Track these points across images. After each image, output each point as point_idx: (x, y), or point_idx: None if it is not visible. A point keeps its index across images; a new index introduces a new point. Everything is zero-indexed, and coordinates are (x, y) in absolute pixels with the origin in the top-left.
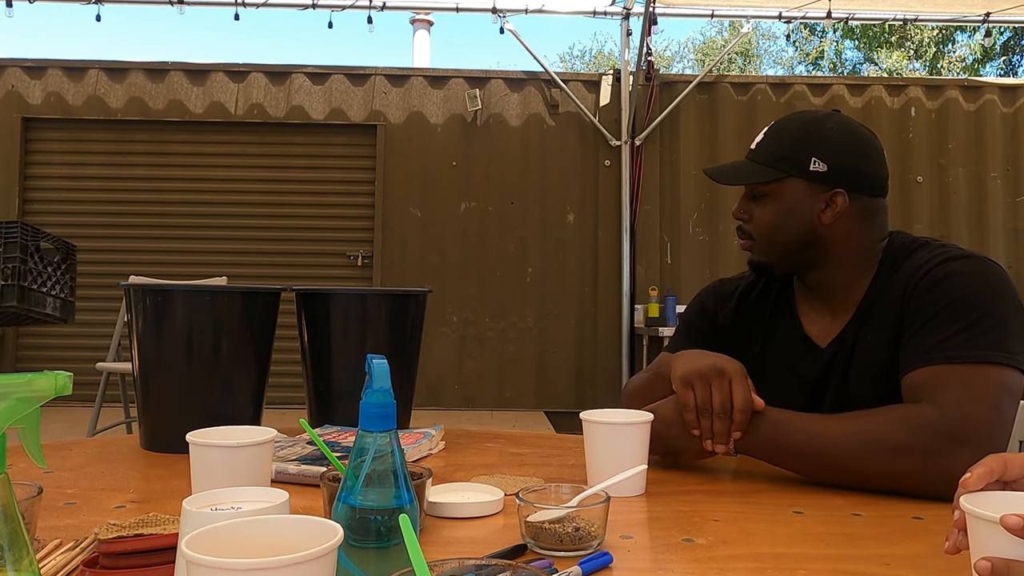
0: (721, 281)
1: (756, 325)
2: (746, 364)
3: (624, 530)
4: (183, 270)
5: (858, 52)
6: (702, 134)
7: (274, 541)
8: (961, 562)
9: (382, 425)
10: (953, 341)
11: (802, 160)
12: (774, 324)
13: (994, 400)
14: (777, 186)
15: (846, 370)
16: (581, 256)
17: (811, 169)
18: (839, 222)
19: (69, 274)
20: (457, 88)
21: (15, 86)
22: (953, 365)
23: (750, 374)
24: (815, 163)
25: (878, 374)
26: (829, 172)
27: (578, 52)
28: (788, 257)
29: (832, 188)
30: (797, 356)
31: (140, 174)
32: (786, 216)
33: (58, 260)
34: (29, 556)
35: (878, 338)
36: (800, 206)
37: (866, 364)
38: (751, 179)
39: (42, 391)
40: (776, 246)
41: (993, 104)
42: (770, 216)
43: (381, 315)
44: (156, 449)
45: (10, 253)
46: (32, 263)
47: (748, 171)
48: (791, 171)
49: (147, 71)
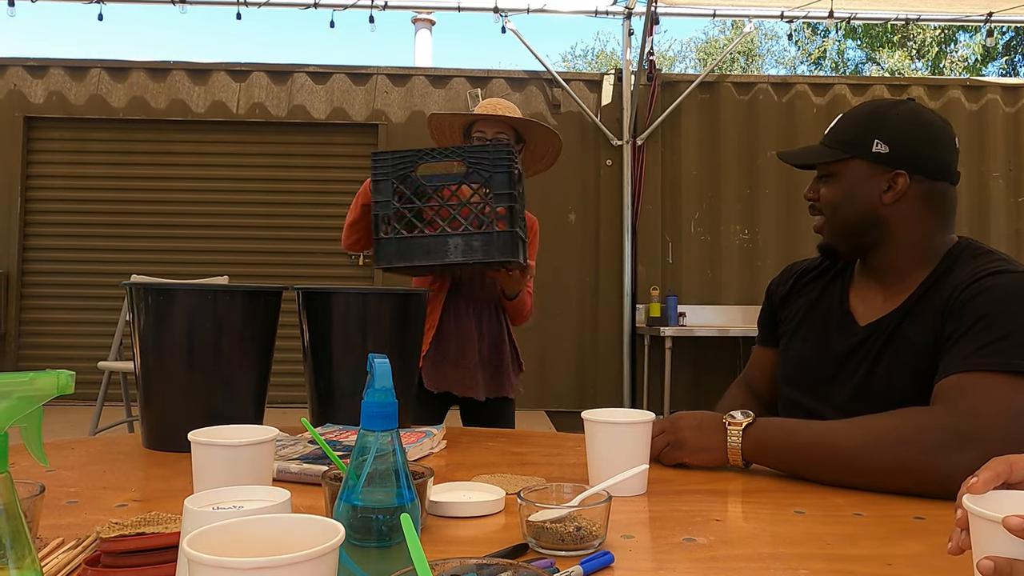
0: (793, 263)
1: (805, 297)
2: (781, 331)
3: (625, 529)
4: (185, 269)
5: (860, 52)
6: (704, 134)
7: (276, 540)
8: (963, 562)
9: (383, 424)
10: (982, 352)
11: (866, 142)
12: (821, 297)
13: (1013, 405)
14: (842, 166)
15: (878, 355)
16: (582, 255)
17: (874, 151)
18: (901, 203)
19: (523, 212)
20: (459, 87)
21: (17, 85)
22: (976, 373)
23: (783, 339)
24: (878, 145)
25: (906, 369)
26: (891, 154)
27: (580, 52)
28: (851, 236)
29: (894, 169)
30: (833, 327)
31: (142, 173)
32: (849, 195)
33: (520, 192)
34: (31, 555)
35: (918, 334)
36: (863, 186)
37: (899, 355)
38: (817, 159)
39: (44, 390)
40: (840, 224)
41: (995, 104)
42: (835, 195)
43: (383, 314)
44: (158, 448)
45: (501, 188)
46: (519, 200)
47: (815, 153)
48: (855, 152)
49: (149, 70)
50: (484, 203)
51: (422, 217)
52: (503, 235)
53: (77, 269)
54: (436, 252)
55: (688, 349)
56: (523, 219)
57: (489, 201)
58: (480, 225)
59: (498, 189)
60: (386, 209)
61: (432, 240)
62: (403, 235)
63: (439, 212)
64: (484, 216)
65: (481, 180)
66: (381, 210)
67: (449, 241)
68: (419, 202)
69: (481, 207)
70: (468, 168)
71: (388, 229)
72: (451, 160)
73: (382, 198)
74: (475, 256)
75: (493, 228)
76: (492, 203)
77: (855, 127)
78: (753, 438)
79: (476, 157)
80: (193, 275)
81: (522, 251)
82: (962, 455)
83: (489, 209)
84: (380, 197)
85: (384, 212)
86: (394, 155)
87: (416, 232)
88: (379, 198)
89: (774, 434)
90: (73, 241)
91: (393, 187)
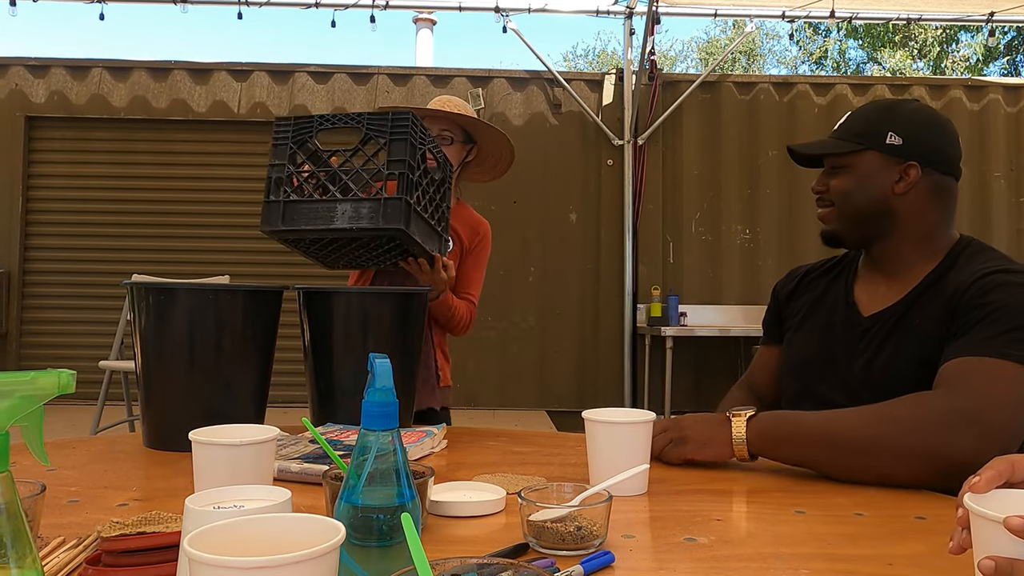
0: (797, 267)
1: (810, 294)
2: (786, 327)
3: (626, 529)
4: (186, 269)
5: (862, 52)
6: (705, 133)
7: (276, 539)
8: (964, 562)
9: (384, 424)
10: (988, 340)
11: (880, 134)
12: (827, 292)
13: (1016, 392)
14: (855, 158)
15: (882, 343)
16: (583, 255)
17: (887, 142)
18: (911, 194)
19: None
20: (460, 87)
21: (19, 84)
22: (981, 358)
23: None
24: (891, 137)
25: (909, 357)
26: (904, 146)
27: (581, 51)
28: (860, 225)
29: (906, 161)
30: (837, 319)
31: (143, 173)
32: (862, 185)
33: (439, 179)
34: (32, 554)
35: (923, 324)
36: (875, 176)
37: (903, 344)
38: (831, 150)
39: (45, 389)
40: (850, 213)
41: (997, 104)
42: (847, 185)
43: (383, 314)
44: (159, 447)
45: (397, 155)
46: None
47: (828, 144)
48: (869, 144)
49: (150, 70)
50: (377, 169)
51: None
52: (393, 202)
53: (78, 268)
54: (322, 217)
55: (689, 349)
56: (446, 207)
57: (383, 168)
58: (369, 192)
59: (394, 156)
60: (279, 172)
61: (320, 205)
62: (291, 199)
63: (332, 178)
64: (376, 183)
65: (379, 147)
66: (275, 173)
67: (337, 207)
68: (313, 167)
69: (374, 172)
70: (365, 134)
71: (278, 192)
72: (351, 127)
73: (278, 161)
74: (362, 223)
75: (383, 195)
76: (386, 170)
77: (868, 121)
78: (757, 430)
79: (375, 124)
80: (194, 274)
81: (436, 240)
82: (965, 435)
83: (383, 178)
84: (276, 160)
85: (277, 175)
86: (296, 119)
87: (305, 197)
88: (274, 161)
89: (778, 424)
90: (74, 240)
91: (291, 151)
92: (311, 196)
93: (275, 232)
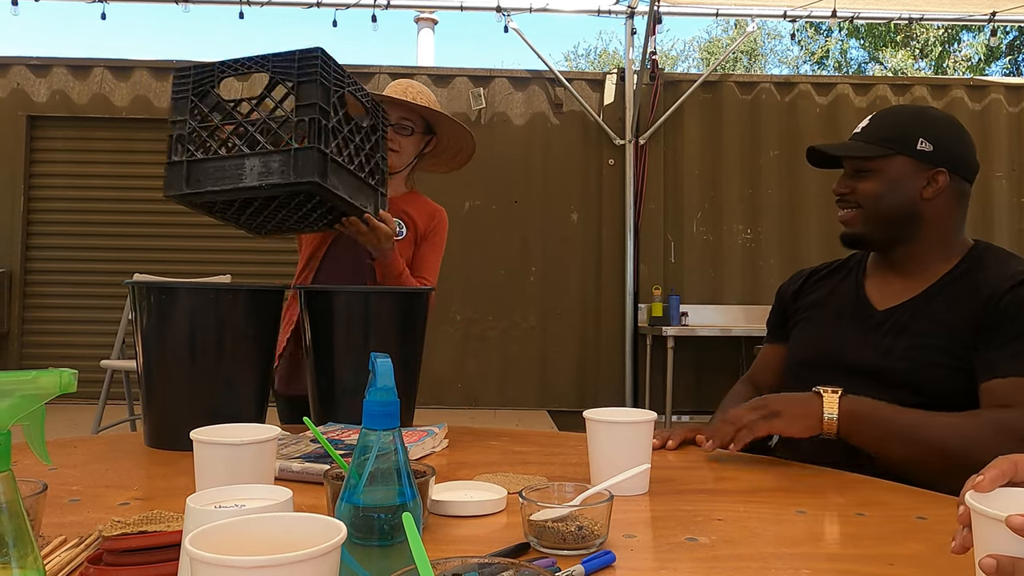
0: (801, 269)
1: (817, 292)
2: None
3: (627, 529)
4: (187, 268)
5: (863, 51)
6: (706, 133)
7: (277, 539)
8: (965, 562)
9: (385, 423)
10: None
11: (911, 139)
12: (835, 290)
13: None
14: (884, 162)
15: (899, 333)
16: (584, 255)
17: (918, 148)
18: (937, 199)
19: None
20: (461, 87)
21: (20, 84)
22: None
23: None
24: (922, 143)
25: (928, 346)
26: (934, 152)
27: (582, 51)
28: (887, 227)
29: (935, 167)
30: (848, 313)
31: (144, 172)
32: (891, 189)
33: (367, 127)
34: (34, 553)
35: (945, 312)
36: (905, 181)
37: (921, 333)
38: (862, 153)
39: (47, 388)
40: (879, 216)
41: (999, 104)
42: (875, 188)
43: (384, 313)
44: (160, 447)
45: (307, 99)
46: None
47: (858, 147)
48: (900, 149)
49: (152, 70)
50: (287, 116)
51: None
52: (304, 152)
53: (80, 268)
54: (230, 176)
55: (690, 349)
56: (381, 157)
57: (292, 115)
58: (280, 143)
59: (304, 100)
60: (181, 129)
61: (226, 162)
62: (195, 157)
63: (237, 131)
64: (286, 132)
65: (287, 90)
66: (176, 131)
67: (245, 163)
68: (216, 120)
69: (282, 120)
70: (271, 78)
71: (181, 151)
72: (256, 72)
73: (179, 117)
74: (273, 178)
75: (293, 145)
76: (295, 116)
77: (897, 126)
78: (848, 410)
79: (281, 66)
80: (195, 274)
81: (370, 195)
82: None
83: (293, 125)
84: (176, 116)
85: (179, 132)
86: (196, 68)
87: (211, 155)
88: (175, 117)
89: (872, 409)
90: (76, 240)
91: (191, 105)
92: (216, 153)
93: (180, 197)
